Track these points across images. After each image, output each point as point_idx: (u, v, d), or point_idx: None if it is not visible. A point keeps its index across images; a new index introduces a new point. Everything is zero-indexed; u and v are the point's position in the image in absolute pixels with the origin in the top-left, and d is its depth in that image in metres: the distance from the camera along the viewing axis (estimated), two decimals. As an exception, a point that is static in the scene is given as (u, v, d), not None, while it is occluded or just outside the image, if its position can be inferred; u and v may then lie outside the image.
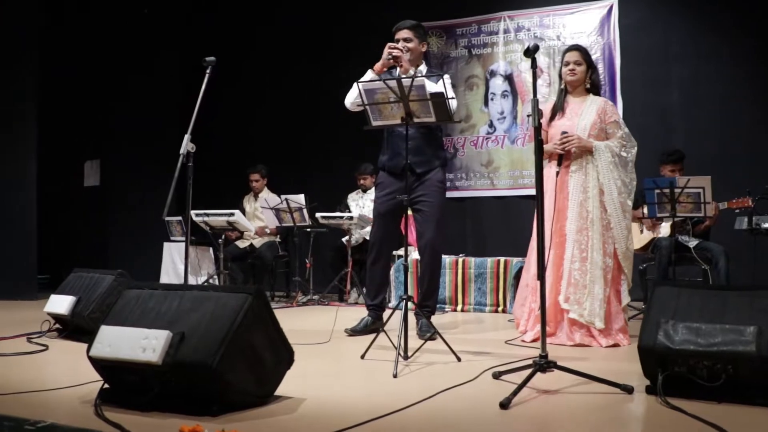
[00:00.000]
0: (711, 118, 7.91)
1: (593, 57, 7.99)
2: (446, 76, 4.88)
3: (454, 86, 8.69)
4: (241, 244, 7.83)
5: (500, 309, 6.53)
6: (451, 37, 9.02)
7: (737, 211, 5.92)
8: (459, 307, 6.68)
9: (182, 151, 4.23)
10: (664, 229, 6.26)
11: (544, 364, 3.22)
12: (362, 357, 4.02)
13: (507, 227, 8.48)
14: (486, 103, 8.84)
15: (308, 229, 7.49)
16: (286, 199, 7.21)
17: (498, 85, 8.80)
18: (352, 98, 4.93)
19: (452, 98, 4.29)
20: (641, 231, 6.39)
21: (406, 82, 3.88)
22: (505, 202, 8.67)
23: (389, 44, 4.86)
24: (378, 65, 4.88)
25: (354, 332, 4.93)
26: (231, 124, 10.02)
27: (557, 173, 4.67)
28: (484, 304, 6.62)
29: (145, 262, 8.41)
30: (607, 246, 4.62)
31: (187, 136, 4.28)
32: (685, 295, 3.25)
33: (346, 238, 7.37)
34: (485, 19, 8.87)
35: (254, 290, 3.05)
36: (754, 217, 5.42)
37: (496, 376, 3.46)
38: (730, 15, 7.86)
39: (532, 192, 8.12)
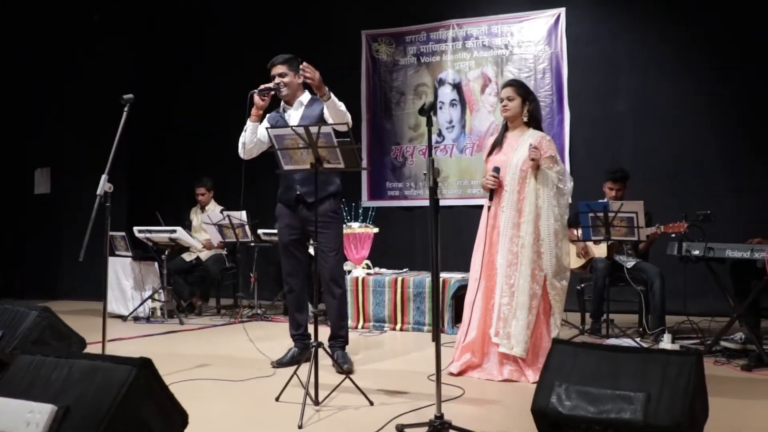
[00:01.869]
0: (658, 129, 7.92)
1: (540, 66, 8.13)
2: (332, 98, 4.83)
3: (402, 93, 8.76)
4: (188, 257, 7.77)
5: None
6: (400, 45, 8.96)
7: (673, 235, 5.93)
8: (398, 326, 6.66)
9: (99, 192, 4.16)
10: (602, 249, 6.26)
11: (438, 426, 3.23)
12: (277, 399, 4.01)
13: (456, 238, 8.45)
14: (435, 112, 8.80)
15: (252, 244, 7.44)
16: (228, 216, 7.16)
17: (447, 93, 8.75)
18: (241, 147, 5.13)
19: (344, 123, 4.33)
20: (578, 256, 6.40)
21: (313, 129, 3.84)
22: (453, 211, 8.64)
23: (254, 91, 4.92)
24: (253, 113, 4.97)
25: (280, 364, 4.92)
26: (180, 133, 9.96)
27: (489, 207, 4.71)
28: (423, 323, 6.60)
29: (96, 273, 8.29)
30: (537, 273, 4.61)
31: (104, 177, 4.22)
32: (582, 355, 3.24)
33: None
34: (434, 27, 8.81)
35: (140, 361, 3.00)
36: (684, 243, 5.41)
37: (400, 429, 3.45)
38: (678, 26, 7.86)
39: (481, 202, 8.21)
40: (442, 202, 8.54)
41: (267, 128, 4.18)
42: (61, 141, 9.57)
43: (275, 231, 7.18)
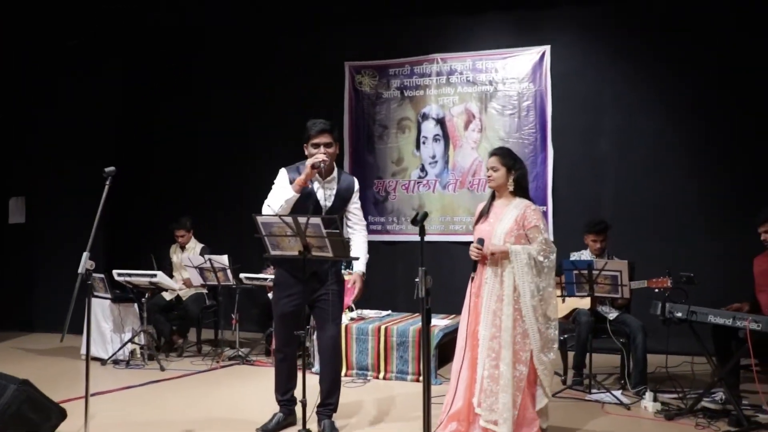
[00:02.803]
0: (641, 170, 7.97)
1: (524, 104, 8.13)
2: (358, 188, 4.91)
3: (385, 127, 8.73)
4: (168, 295, 7.68)
5: (422, 378, 6.47)
6: (383, 77, 8.92)
7: (657, 290, 5.96)
8: (381, 375, 6.63)
9: (80, 270, 4.08)
10: (585, 301, 6.27)
11: None
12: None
13: (436, 274, 8.34)
14: (418, 147, 8.78)
15: (233, 286, 7.35)
16: (210, 259, 7.10)
17: (430, 128, 8.73)
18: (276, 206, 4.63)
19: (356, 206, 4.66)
20: (563, 300, 6.39)
21: (302, 219, 3.79)
22: (435, 247, 8.60)
23: (312, 161, 4.58)
24: (301, 179, 4.59)
25: (265, 430, 4.88)
26: (160, 169, 9.89)
27: (472, 278, 4.70)
28: (406, 372, 6.59)
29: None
30: (522, 354, 4.57)
31: (85, 254, 4.13)
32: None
33: (272, 294, 7.26)
34: (418, 61, 8.78)
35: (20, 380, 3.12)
36: (667, 304, 5.43)
37: None
38: (663, 66, 7.90)
39: (463, 238, 8.27)
40: (424, 237, 8.62)
41: (253, 214, 4.08)
42: (36, 170, 9.42)
43: (258, 276, 7.20)
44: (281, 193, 4.64)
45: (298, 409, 5.02)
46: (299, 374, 4.27)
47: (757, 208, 6.88)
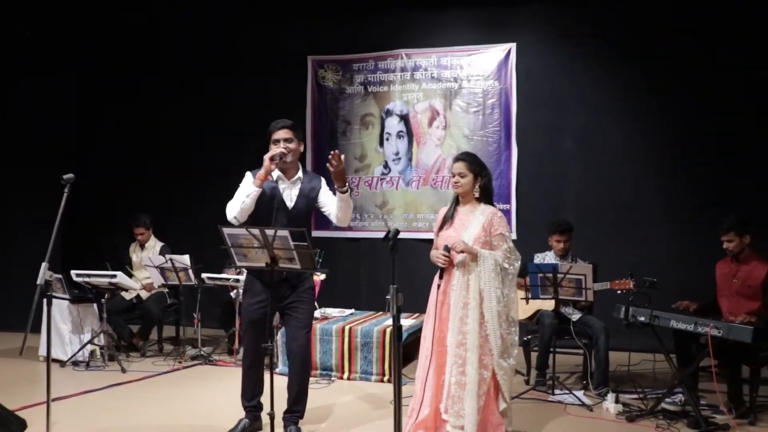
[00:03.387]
0: (605, 169, 8.04)
1: (489, 102, 8.10)
2: (324, 184, 4.88)
3: (348, 123, 8.67)
4: (127, 295, 7.56)
5: (386, 379, 6.50)
6: (347, 72, 8.86)
7: (619, 292, 6.03)
8: (345, 375, 6.62)
9: (39, 281, 3.98)
10: (548, 302, 6.31)
11: None
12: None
13: (400, 272, 8.40)
14: (381, 143, 8.75)
15: (195, 286, 7.25)
16: (171, 259, 7.00)
17: (394, 125, 8.70)
18: (238, 212, 4.60)
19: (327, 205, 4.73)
20: (527, 302, 6.43)
21: (269, 232, 3.75)
22: (398, 244, 8.60)
23: (269, 154, 4.60)
24: (261, 173, 4.58)
25: None
26: (117, 167, 9.72)
27: (438, 286, 4.67)
28: (370, 372, 6.57)
29: (28, 306, 8.04)
30: (485, 358, 4.58)
31: (44, 264, 4.03)
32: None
33: (234, 293, 7.21)
34: (382, 56, 8.74)
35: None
36: (631, 308, 5.49)
37: None
38: (627, 66, 7.98)
39: (426, 236, 8.26)
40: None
41: (219, 226, 4.01)
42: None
43: (221, 276, 7.12)
44: (244, 190, 4.65)
45: (264, 414, 5.06)
46: (267, 382, 4.19)
47: (719, 210, 7.01)
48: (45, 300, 4.20)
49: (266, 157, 4.59)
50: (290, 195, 4.78)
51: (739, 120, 7.47)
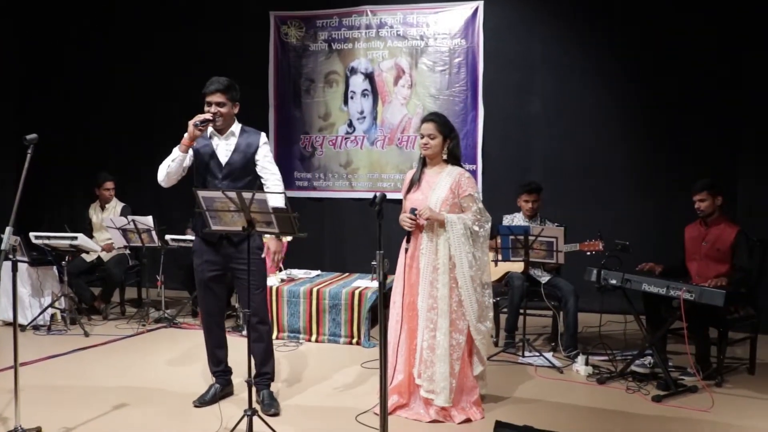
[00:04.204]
0: (571, 128, 8.00)
1: (456, 60, 8.02)
2: (265, 143, 4.76)
3: (312, 81, 8.50)
4: (88, 257, 7.36)
5: (354, 341, 6.47)
6: (310, 29, 8.65)
7: (589, 253, 6.05)
8: (313, 338, 6.57)
9: (4, 246, 3.82)
10: (517, 264, 6.31)
11: None
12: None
13: (365, 233, 8.38)
14: (345, 102, 8.60)
15: (158, 247, 7.10)
16: (134, 221, 6.83)
17: (358, 83, 8.55)
18: (164, 176, 4.64)
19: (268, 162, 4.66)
20: (495, 264, 6.43)
21: (246, 195, 3.64)
22: (363, 204, 8.53)
23: (193, 120, 4.48)
24: (185, 139, 4.50)
25: (203, 403, 4.76)
26: (73, 127, 9.42)
27: (406, 250, 4.60)
28: (339, 335, 6.53)
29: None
30: (459, 323, 4.55)
31: (8, 229, 3.87)
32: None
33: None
34: (347, 12, 8.54)
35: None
36: (602, 271, 5.51)
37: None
38: (595, 27, 7.90)
39: (391, 195, 7.98)
40: (351, 194, 8.57)
41: (194, 188, 3.89)
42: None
43: (185, 237, 6.98)
44: (171, 154, 4.58)
45: (235, 379, 5.00)
46: (246, 352, 4.11)
47: (687, 173, 7.08)
48: (11, 265, 4.00)
49: (190, 122, 4.47)
50: (225, 150, 4.67)
51: (709, 82, 7.48)
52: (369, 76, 8.52)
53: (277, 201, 4.00)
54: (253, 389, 4.13)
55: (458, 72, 8.17)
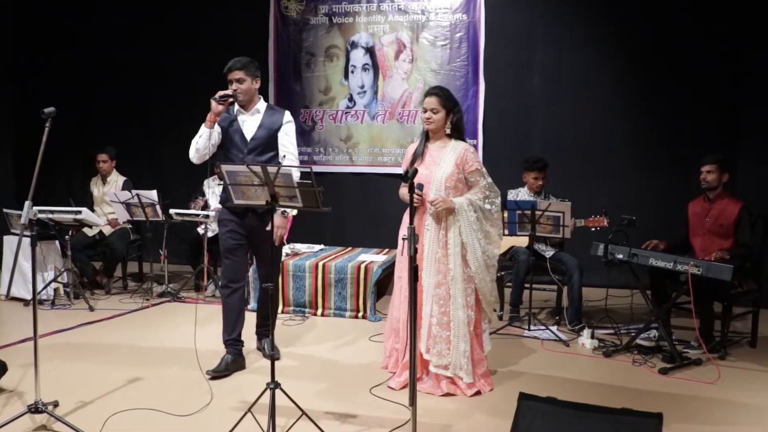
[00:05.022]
0: (573, 105, 8.02)
1: (457, 35, 8.00)
2: (288, 122, 4.97)
3: (312, 55, 8.46)
4: (90, 232, 7.36)
5: (360, 315, 6.51)
6: (311, 3, 8.60)
7: (593, 229, 6.09)
8: (319, 312, 6.60)
9: (23, 220, 3.81)
10: (522, 239, 6.35)
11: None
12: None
13: (366, 208, 8.41)
14: (346, 76, 8.57)
15: (162, 221, 7.09)
16: (138, 195, 6.81)
17: (359, 57, 8.52)
18: (194, 152, 4.87)
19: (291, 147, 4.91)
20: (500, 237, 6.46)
21: (272, 169, 3.65)
22: (363, 179, 8.57)
23: (214, 97, 4.67)
24: (210, 115, 4.71)
25: (216, 373, 4.79)
26: (74, 99, 9.30)
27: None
28: (344, 309, 6.57)
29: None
30: (470, 298, 4.58)
31: (28, 203, 3.86)
32: (550, 413, 3.33)
33: (202, 228, 7.07)
34: (348, -14, 8.49)
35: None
36: (609, 246, 5.55)
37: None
38: (597, 2, 7.88)
39: (392, 170, 8.23)
40: (352, 169, 8.57)
41: (218, 163, 3.98)
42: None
43: (189, 211, 6.97)
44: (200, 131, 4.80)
45: (246, 353, 5.04)
46: (270, 327, 4.15)
47: (687, 149, 7.14)
48: (30, 240, 3.99)
49: (212, 98, 4.67)
50: (250, 126, 4.90)
51: (710, 58, 7.50)
52: (370, 51, 8.49)
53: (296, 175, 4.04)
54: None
55: (459, 47, 8.15)
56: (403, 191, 4.63)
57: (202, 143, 4.76)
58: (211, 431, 3.92)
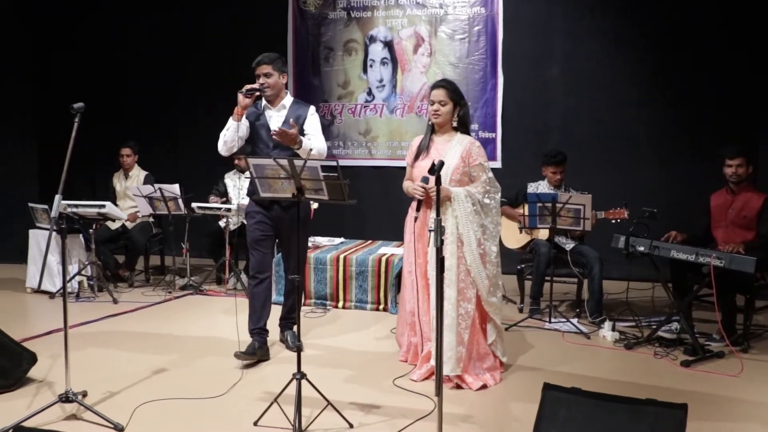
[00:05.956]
0: (592, 97, 8.02)
1: (475, 29, 8.01)
2: (312, 114, 5.09)
3: (331, 49, 8.50)
4: (113, 225, 7.44)
5: (381, 307, 6.55)
6: (329, -3, 8.64)
7: (614, 221, 6.09)
8: (340, 304, 6.64)
9: (53, 213, 3.87)
10: (543, 232, 6.37)
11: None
12: (255, 424, 3.91)
13: (385, 201, 8.44)
14: (365, 70, 8.61)
15: (184, 215, 7.15)
16: (160, 189, 6.87)
17: (377, 51, 8.55)
18: (222, 145, 5.01)
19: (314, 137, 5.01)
20: (521, 231, 6.49)
21: (298, 163, 3.69)
22: (382, 172, 8.60)
23: (241, 90, 4.81)
24: (237, 108, 4.85)
25: (245, 354, 4.88)
26: (97, 96, 9.31)
27: (416, 218, 4.59)
28: (366, 301, 6.61)
29: (16, 238, 7.89)
30: (467, 292, 4.55)
31: (58, 197, 3.92)
32: (575, 404, 3.34)
33: (224, 222, 7.13)
34: (365, -20, 8.51)
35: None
36: (630, 239, 5.55)
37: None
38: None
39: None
40: (371, 162, 8.60)
41: (244, 157, 4.06)
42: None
43: (211, 205, 7.03)
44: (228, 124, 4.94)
45: (271, 344, 5.10)
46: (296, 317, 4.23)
47: (707, 140, 7.11)
48: (58, 233, 4.06)
49: (239, 92, 4.81)
50: (276, 121, 5.00)
51: (731, 47, 7.47)
52: (388, 45, 8.51)
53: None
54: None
55: (477, 40, 8.16)
56: (407, 184, 4.74)
57: (230, 136, 4.91)
58: (238, 421, 3.96)
